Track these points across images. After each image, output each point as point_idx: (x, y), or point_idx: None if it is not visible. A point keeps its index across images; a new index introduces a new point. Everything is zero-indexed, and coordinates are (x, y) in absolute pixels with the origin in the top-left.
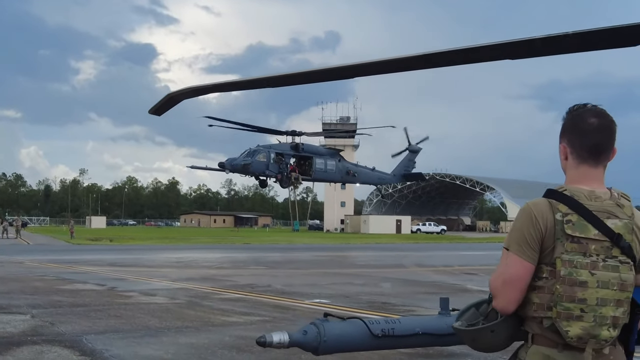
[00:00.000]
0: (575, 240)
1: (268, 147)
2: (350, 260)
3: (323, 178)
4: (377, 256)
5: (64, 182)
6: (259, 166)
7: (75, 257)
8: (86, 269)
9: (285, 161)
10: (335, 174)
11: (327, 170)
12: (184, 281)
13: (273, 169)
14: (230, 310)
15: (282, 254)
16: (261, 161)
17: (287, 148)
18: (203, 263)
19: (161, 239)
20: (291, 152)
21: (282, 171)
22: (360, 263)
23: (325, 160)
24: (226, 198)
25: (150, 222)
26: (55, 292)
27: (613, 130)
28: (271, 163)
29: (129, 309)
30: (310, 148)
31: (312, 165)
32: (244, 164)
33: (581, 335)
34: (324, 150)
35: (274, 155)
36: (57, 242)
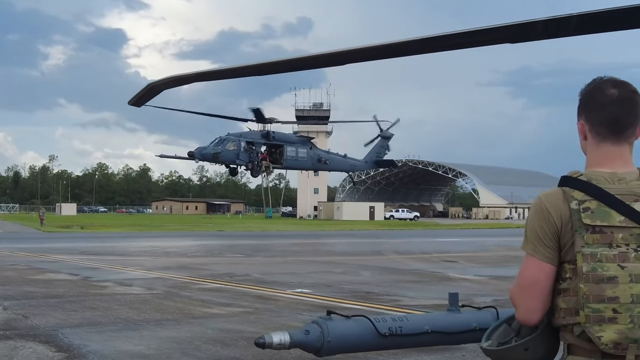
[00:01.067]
0: (597, 230)
1: (238, 135)
2: (327, 248)
3: (294, 166)
4: (354, 243)
5: (34, 169)
6: (229, 155)
7: (47, 246)
8: (58, 257)
9: (256, 150)
10: (306, 161)
11: (299, 158)
12: (160, 270)
13: (244, 158)
14: (210, 301)
15: (257, 241)
16: (231, 150)
17: (257, 136)
18: (178, 251)
19: (133, 226)
20: (262, 141)
21: (253, 160)
22: (337, 251)
23: (296, 148)
24: (198, 185)
25: (121, 209)
26: (27, 283)
27: (636, 102)
28: (242, 152)
29: (105, 300)
30: (281, 136)
31: (283, 154)
32: (214, 153)
33: (618, 341)
34: (295, 138)
35: (244, 144)
36: (27, 229)
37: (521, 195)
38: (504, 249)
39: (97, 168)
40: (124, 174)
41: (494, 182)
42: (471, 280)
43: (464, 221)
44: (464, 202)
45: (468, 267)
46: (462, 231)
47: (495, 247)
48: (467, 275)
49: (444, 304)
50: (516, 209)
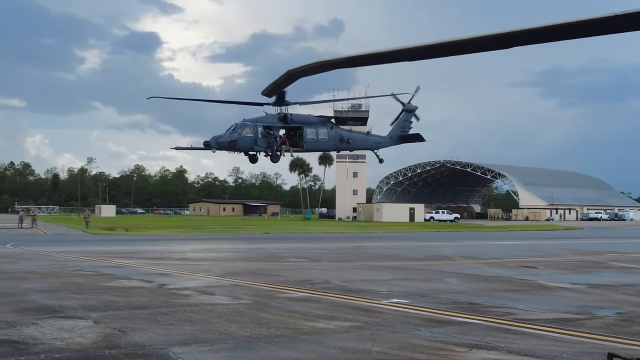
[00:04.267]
0: None
1: (254, 120)
2: (388, 252)
3: (316, 148)
4: (411, 247)
5: (72, 171)
6: (246, 142)
7: (101, 249)
8: (120, 262)
9: (274, 134)
10: (327, 142)
11: (319, 139)
12: (232, 276)
13: (262, 144)
14: (309, 313)
15: (311, 244)
16: (248, 136)
17: (274, 120)
18: (238, 255)
19: (175, 228)
20: (279, 124)
21: (272, 145)
22: (402, 255)
23: (316, 129)
24: (233, 186)
25: (159, 211)
26: (103, 291)
27: None
28: (259, 137)
29: (196, 311)
30: (299, 118)
31: (303, 136)
32: (231, 141)
33: None
34: (315, 118)
35: (261, 129)
36: (73, 231)
37: (561, 197)
38: (571, 253)
39: (134, 170)
40: (160, 176)
41: (534, 183)
42: (570, 289)
43: (505, 222)
44: (499, 203)
45: (553, 273)
46: (511, 233)
47: (560, 250)
48: (561, 283)
49: (564, 318)
50: (557, 210)
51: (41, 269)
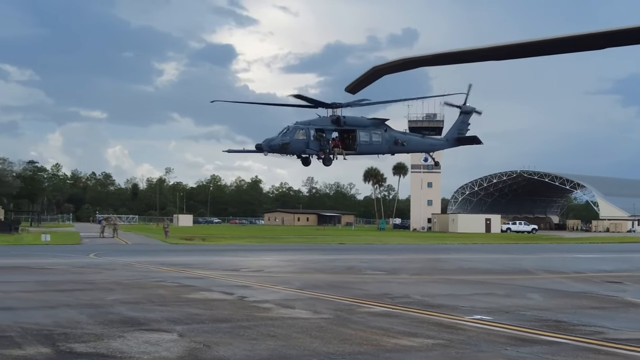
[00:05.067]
0: None
1: (307, 123)
2: (465, 265)
3: (369, 150)
4: (490, 259)
5: (150, 181)
6: (298, 145)
7: (180, 259)
8: (199, 272)
9: (327, 137)
10: (381, 145)
11: (373, 142)
12: (310, 289)
13: (314, 147)
14: (391, 329)
15: (387, 256)
16: (300, 139)
17: (327, 122)
18: (315, 266)
19: (252, 238)
20: (332, 127)
21: (324, 148)
22: (481, 268)
23: (369, 132)
24: (307, 196)
25: (234, 220)
26: (186, 303)
27: None
28: (311, 140)
29: (278, 325)
30: (352, 120)
31: (356, 139)
32: (282, 144)
33: None
34: (368, 121)
35: (313, 131)
36: (153, 241)
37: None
38: None
39: (211, 180)
40: (235, 186)
41: (614, 193)
42: None
43: (585, 234)
44: (578, 214)
45: (636, 288)
46: (592, 246)
47: None
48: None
49: None
50: (639, 222)
51: (124, 279)
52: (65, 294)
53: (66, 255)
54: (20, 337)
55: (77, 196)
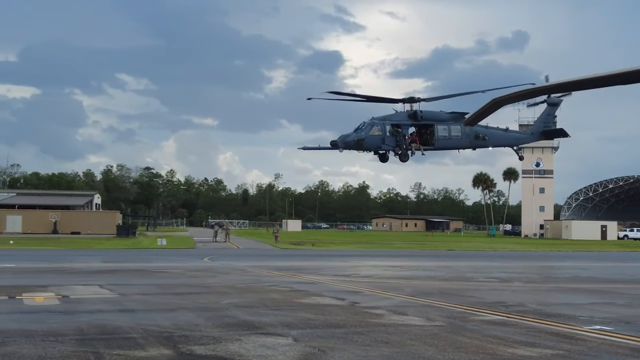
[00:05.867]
0: None
1: (382, 119)
2: (581, 273)
3: (448, 145)
4: (606, 267)
5: (260, 187)
6: (374, 141)
7: (291, 264)
8: (310, 277)
9: (403, 132)
10: (461, 140)
11: (452, 136)
12: (422, 296)
13: (390, 142)
14: (507, 338)
15: (498, 263)
16: (376, 135)
17: (404, 118)
18: (425, 273)
19: (360, 243)
20: (409, 122)
21: (400, 143)
22: (596, 276)
23: (448, 127)
24: (415, 201)
25: (342, 226)
26: (299, 307)
27: None
28: (387, 136)
29: (391, 332)
30: (430, 115)
31: (434, 134)
32: (357, 140)
33: None
34: (446, 115)
35: (389, 127)
36: (263, 245)
37: None
38: None
39: (319, 185)
40: (343, 191)
41: None
42: None
43: None
44: None
45: None
46: None
47: None
48: None
49: None
50: None
51: (238, 283)
52: (183, 297)
53: (181, 259)
54: (142, 338)
55: (190, 201)
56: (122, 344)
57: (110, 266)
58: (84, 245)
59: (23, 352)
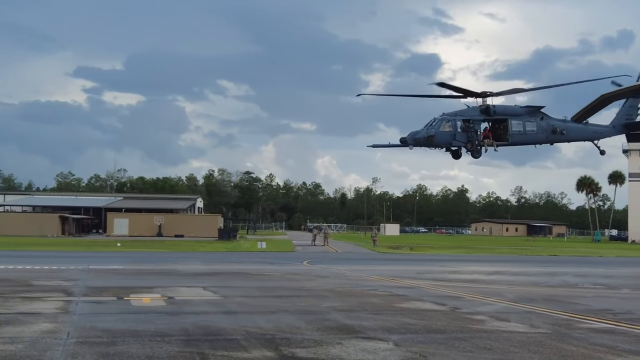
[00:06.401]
0: None
1: (453, 114)
2: None
3: (523, 141)
4: None
5: (358, 190)
6: (444, 137)
7: (389, 268)
8: (409, 282)
9: (475, 128)
10: (537, 134)
11: (527, 131)
12: (525, 302)
13: (461, 138)
14: (616, 347)
15: (603, 269)
16: (447, 131)
17: (476, 113)
18: (527, 279)
19: (459, 248)
20: (481, 117)
21: (472, 139)
22: None
23: (523, 121)
24: (516, 205)
25: (441, 230)
26: (399, 312)
27: None
28: (458, 132)
29: (493, 338)
30: (503, 109)
31: (508, 129)
32: (427, 136)
33: None
34: (521, 109)
35: (460, 122)
36: (361, 249)
37: None
38: None
39: (417, 189)
40: (441, 195)
41: None
42: None
43: None
44: None
45: None
46: None
47: None
48: None
49: None
50: None
51: (338, 287)
52: (283, 300)
53: (281, 262)
54: (245, 340)
55: (289, 205)
56: (226, 345)
57: (212, 268)
58: (187, 248)
59: (132, 351)
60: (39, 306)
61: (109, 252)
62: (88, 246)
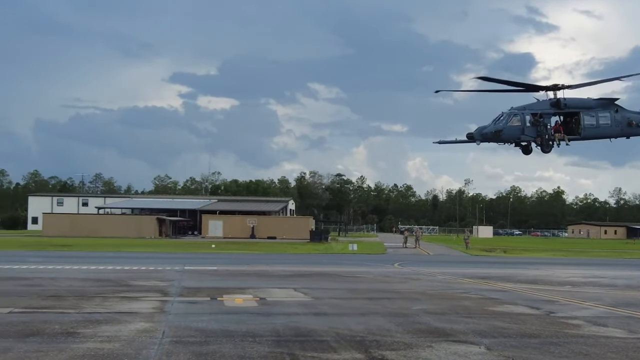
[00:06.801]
0: None
1: (522, 108)
2: None
3: (596, 135)
4: None
5: (450, 192)
6: (512, 131)
7: (481, 271)
8: (502, 285)
9: (544, 121)
10: (611, 127)
11: (600, 125)
12: (623, 307)
13: (530, 133)
14: None
15: None
16: (515, 125)
17: (545, 106)
18: (626, 282)
19: (556, 251)
20: (551, 110)
21: (542, 133)
22: None
23: (596, 114)
24: (615, 207)
25: (536, 233)
26: (491, 316)
27: None
28: (527, 126)
29: (590, 343)
30: (574, 102)
31: (580, 122)
32: (495, 131)
33: None
34: (593, 102)
35: (529, 116)
36: (453, 252)
37: None
38: None
39: (511, 191)
40: (536, 197)
41: None
42: None
43: None
44: None
45: None
46: None
47: None
48: None
49: None
50: None
51: (429, 290)
52: (374, 302)
53: (372, 264)
54: (335, 341)
55: (380, 207)
56: (316, 346)
57: (304, 270)
58: (279, 249)
59: (224, 351)
60: (136, 306)
61: (204, 254)
62: (184, 247)
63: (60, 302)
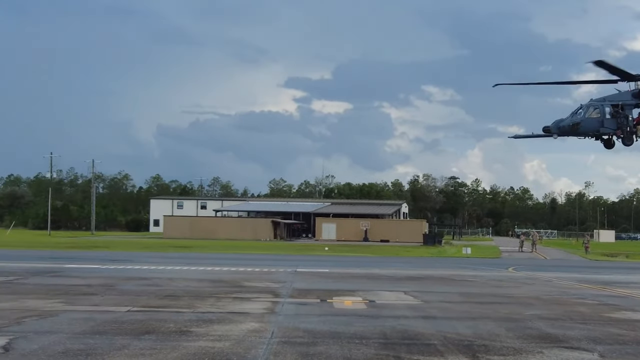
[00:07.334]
0: None
1: (601, 100)
2: None
3: None
4: None
5: (569, 195)
6: (591, 124)
7: (601, 277)
8: (622, 291)
9: (625, 113)
10: None
11: None
12: None
13: (609, 125)
14: None
15: None
16: (594, 118)
17: (627, 97)
18: None
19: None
20: (633, 102)
21: (623, 125)
22: None
23: None
24: None
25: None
26: (607, 322)
27: None
28: (607, 118)
29: None
30: None
31: None
32: (572, 124)
33: None
34: None
35: (609, 108)
36: (572, 257)
37: None
38: None
39: (634, 194)
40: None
41: None
42: None
43: None
44: None
45: None
46: None
47: None
48: None
49: None
50: None
51: (543, 295)
52: (485, 306)
53: (486, 268)
54: (442, 345)
55: (495, 210)
56: (423, 349)
57: (415, 273)
58: (392, 252)
59: (330, 352)
60: (248, 306)
61: (317, 256)
62: (297, 250)
63: (175, 301)
